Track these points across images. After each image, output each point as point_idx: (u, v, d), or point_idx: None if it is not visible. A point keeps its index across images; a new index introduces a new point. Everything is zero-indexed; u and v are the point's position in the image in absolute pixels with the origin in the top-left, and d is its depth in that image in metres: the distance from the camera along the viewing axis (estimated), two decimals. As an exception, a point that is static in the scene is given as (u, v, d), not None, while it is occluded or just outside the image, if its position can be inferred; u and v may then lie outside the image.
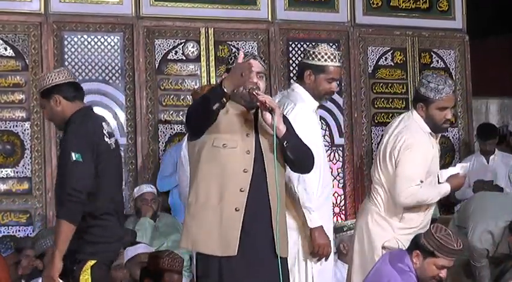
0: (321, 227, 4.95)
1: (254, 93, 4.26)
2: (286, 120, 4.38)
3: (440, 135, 5.39)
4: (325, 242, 4.95)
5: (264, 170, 4.31)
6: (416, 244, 4.73)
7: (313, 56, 5.05)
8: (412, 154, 5.15)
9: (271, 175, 4.32)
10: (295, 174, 4.76)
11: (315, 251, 4.96)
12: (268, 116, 4.26)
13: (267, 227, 4.30)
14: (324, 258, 5.00)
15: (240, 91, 4.30)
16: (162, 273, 5.22)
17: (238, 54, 4.33)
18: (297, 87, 5.12)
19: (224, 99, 4.18)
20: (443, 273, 4.69)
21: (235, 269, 4.23)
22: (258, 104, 4.27)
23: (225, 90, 4.16)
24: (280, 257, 4.30)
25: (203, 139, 4.33)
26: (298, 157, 4.36)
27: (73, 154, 4.53)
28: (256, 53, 4.55)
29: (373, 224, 5.26)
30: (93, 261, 4.61)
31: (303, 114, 4.98)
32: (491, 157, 8.27)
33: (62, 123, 4.76)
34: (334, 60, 5.06)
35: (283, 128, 4.29)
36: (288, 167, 4.46)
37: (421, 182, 5.16)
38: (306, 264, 5.01)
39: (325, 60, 5.03)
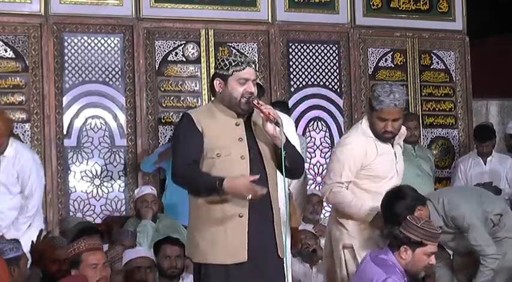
0: None
1: (255, 103, 4.29)
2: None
3: (399, 141, 5.31)
4: None
5: (264, 173, 4.32)
6: (400, 240, 4.72)
7: None
8: (338, 153, 5.21)
9: (272, 177, 4.36)
10: None
11: None
12: (270, 127, 4.28)
13: (269, 230, 4.33)
14: None
15: (238, 101, 4.31)
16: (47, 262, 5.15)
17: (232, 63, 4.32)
18: None
19: (213, 194, 4.21)
20: (433, 260, 4.73)
21: (242, 273, 4.26)
22: (261, 115, 4.28)
23: (224, 191, 4.16)
24: (280, 258, 4.36)
25: None
26: (293, 165, 4.38)
27: None
28: (252, 59, 4.52)
29: (332, 226, 5.35)
30: None
31: None
32: (489, 159, 8.20)
33: None
34: None
35: (283, 139, 4.32)
36: None
37: (349, 182, 5.20)
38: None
39: None
